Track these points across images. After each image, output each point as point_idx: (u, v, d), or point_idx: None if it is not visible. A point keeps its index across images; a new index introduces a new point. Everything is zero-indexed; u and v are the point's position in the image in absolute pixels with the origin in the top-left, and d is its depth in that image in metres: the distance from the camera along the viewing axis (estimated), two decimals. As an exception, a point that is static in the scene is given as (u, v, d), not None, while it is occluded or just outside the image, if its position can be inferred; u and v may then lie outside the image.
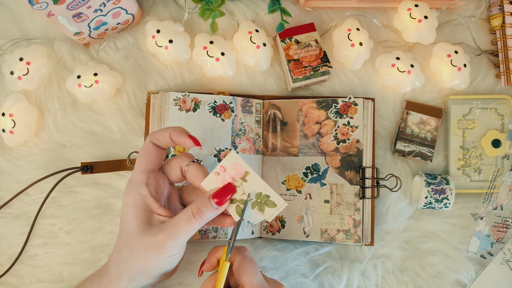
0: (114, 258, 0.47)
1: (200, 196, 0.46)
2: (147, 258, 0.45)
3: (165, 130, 0.47)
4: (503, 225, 0.61)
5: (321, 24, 0.64)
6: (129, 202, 0.46)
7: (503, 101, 0.62)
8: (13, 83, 0.59)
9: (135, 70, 0.62)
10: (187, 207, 0.45)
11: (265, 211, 0.46)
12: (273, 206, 0.46)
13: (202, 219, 0.45)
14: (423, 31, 0.61)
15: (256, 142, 0.60)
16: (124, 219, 0.47)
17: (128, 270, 0.45)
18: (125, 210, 0.46)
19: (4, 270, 0.58)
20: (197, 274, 0.56)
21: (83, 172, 0.59)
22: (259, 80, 0.63)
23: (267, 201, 0.46)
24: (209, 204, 0.45)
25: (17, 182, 0.59)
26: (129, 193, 0.46)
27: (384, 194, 0.61)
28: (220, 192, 0.45)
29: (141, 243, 0.45)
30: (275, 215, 0.46)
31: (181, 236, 0.44)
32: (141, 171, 0.46)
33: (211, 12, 0.50)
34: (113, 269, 0.46)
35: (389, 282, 0.60)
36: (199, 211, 0.44)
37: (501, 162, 0.61)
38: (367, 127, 0.59)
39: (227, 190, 0.45)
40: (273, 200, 0.45)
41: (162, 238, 0.44)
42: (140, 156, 0.47)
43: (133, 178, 0.47)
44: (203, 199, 0.45)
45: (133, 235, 0.45)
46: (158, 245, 0.44)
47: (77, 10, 0.52)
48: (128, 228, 0.46)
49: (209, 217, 0.45)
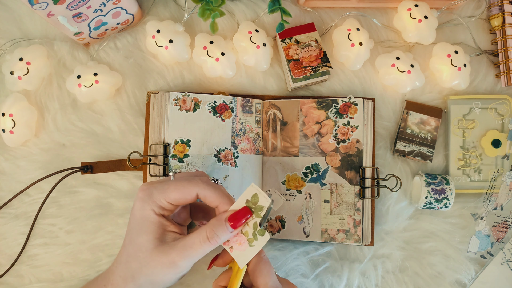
0: (121, 268, 0.46)
1: (215, 218, 0.45)
2: (157, 274, 0.44)
3: (216, 196, 0.45)
4: (503, 225, 0.61)
5: (321, 24, 0.64)
6: (143, 217, 0.45)
7: (503, 101, 0.62)
8: (13, 83, 0.59)
9: (135, 70, 0.62)
10: (201, 228, 0.45)
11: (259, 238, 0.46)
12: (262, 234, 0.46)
13: (217, 242, 0.45)
14: (423, 31, 0.61)
15: (256, 142, 0.60)
16: (134, 232, 0.46)
17: (136, 282, 0.45)
18: (137, 223, 0.46)
19: (4, 270, 0.58)
20: (205, 268, 0.57)
21: (83, 172, 0.59)
22: (259, 80, 0.63)
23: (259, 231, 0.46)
24: (225, 227, 0.44)
25: (17, 182, 0.59)
26: (144, 208, 0.45)
27: (384, 194, 0.61)
28: (236, 215, 0.45)
29: (151, 259, 0.44)
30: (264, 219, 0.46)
31: (194, 257, 0.45)
32: (166, 200, 0.45)
33: (211, 12, 0.50)
34: (119, 279, 0.46)
35: (389, 282, 0.60)
36: (215, 234, 0.44)
37: (501, 162, 0.61)
38: (367, 127, 0.59)
39: (243, 213, 0.45)
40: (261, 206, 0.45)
41: (174, 258, 0.44)
42: (177, 191, 0.45)
43: (154, 196, 0.46)
44: (219, 222, 0.45)
45: (143, 250, 0.45)
46: (169, 264, 0.44)
47: (77, 10, 0.52)
48: (139, 241, 0.45)
49: (223, 239, 0.45)
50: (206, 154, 0.57)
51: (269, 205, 0.45)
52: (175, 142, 0.57)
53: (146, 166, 0.57)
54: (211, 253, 0.47)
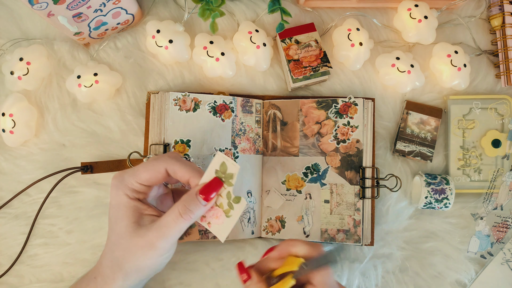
0: (107, 258, 0.47)
1: (186, 194, 0.45)
2: (139, 259, 0.44)
3: (186, 169, 0.45)
4: (503, 225, 0.61)
5: (321, 24, 0.64)
6: (117, 203, 0.46)
7: (503, 101, 0.62)
8: (13, 83, 0.59)
9: (135, 70, 0.62)
10: (174, 205, 0.45)
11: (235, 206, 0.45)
12: (237, 201, 0.44)
13: (191, 218, 0.44)
14: (423, 31, 0.61)
15: (256, 142, 0.60)
16: (113, 220, 0.46)
17: (122, 270, 0.45)
18: (113, 211, 0.46)
19: (4, 270, 0.58)
20: (205, 268, 0.57)
21: (83, 172, 0.59)
22: (259, 80, 0.63)
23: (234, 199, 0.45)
24: (197, 201, 0.44)
25: (17, 182, 0.59)
26: (118, 194, 0.46)
27: (384, 194, 0.61)
28: (207, 188, 0.44)
29: (132, 244, 0.44)
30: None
31: (170, 236, 0.44)
32: (137, 181, 0.46)
33: (211, 12, 0.50)
34: (107, 269, 0.46)
35: (389, 282, 0.60)
36: (187, 209, 0.44)
37: (501, 162, 0.61)
38: (367, 127, 0.59)
39: (214, 185, 0.44)
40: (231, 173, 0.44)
41: (151, 239, 0.44)
42: (146, 170, 0.45)
43: (126, 180, 0.46)
44: (190, 197, 0.44)
45: (122, 236, 0.45)
46: (148, 246, 0.44)
47: (77, 10, 0.52)
48: (117, 229, 0.45)
49: (198, 214, 0.44)
50: (206, 154, 0.57)
51: (238, 171, 0.44)
52: (175, 142, 0.57)
53: (146, 166, 0.57)
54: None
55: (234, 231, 0.57)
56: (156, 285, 0.58)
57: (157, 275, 0.58)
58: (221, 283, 0.59)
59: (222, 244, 0.60)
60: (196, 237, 0.56)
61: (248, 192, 0.58)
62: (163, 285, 0.58)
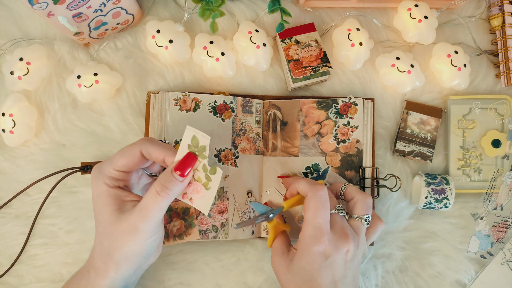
0: (97, 250, 0.47)
1: (162, 172, 0.45)
2: (125, 244, 0.44)
3: (159, 149, 0.45)
4: (503, 225, 0.61)
5: (321, 24, 0.64)
6: (98, 193, 0.46)
7: (503, 101, 0.62)
8: (13, 83, 0.59)
9: (135, 70, 0.62)
10: (151, 186, 0.45)
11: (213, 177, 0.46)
12: (212, 173, 0.45)
13: (169, 195, 0.44)
14: (423, 31, 0.61)
15: (256, 142, 0.60)
16: (97, 211, 0.46)
17: (112, 259, 0.45)
18: (96, 201, 0.46)
19: (4, 270, 0.58)
20: (205, 268, 0.59)
21: (83, 172, 0.59)
22: (259, 80, 0.63)
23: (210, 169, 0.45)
24: (173, 178, 0.44)
25: (17, 182, 0.59)
26: (98, 184, 0.46)
27: (384, 194, 0.61)
28: (181, 163, 0.45)
29: (116, 231, 0.44)
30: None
31: (151, 217, 0.44)
32: (115, 168, 0.46)
33: (211, 12, 0.50)
34: (98, 262, 0.46)
35: (389, 282, 0.60)
36: (164, 187, 0.44)
37: (501, 162, 0.61)
38: (367, 127, 0.59)
39: (188, 160, 0.45)
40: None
41: (134, 222, 0.44)
42: (122, 155, 0.46)
43: (104, 169, 0.46)
44: (166, 174, 0.44)
45: (107, 224, 0.45)
46: (132, 229, 0.44)
47: (77, 10, 0.52)
48: (102, 218, 0.46)
49: (176, 191, 0.45)
50: (206, 154, 0.57)
51: (209, 142, 0.44)
52: (175, 142, 0.57)
53: (146, 166, 0.57)
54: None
55: (234, 231, 0.57)
56: (156, 285, 0.58)
57: (157, 275, 0.58)
58: (221, 283, 0.59)
59: (222, 244, 0.60)
60: (196, 237, 0.56)
61: (248, 192, 0.58)
62: (163, 285, 0.58)
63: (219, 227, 0.57)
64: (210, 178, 0.45)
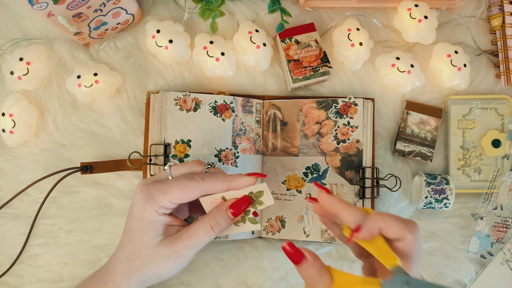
0: (122, 266, 0.46)
1: (216, 207, 0.46)
2: (162, 266, 0.45)
3: (222, 182, 0.45)
4: (503, 225, 0.61)
5: (321, 24, 0.64)
6: (143, 216, 0.45)
7: (503, 101, 0.62)
8: (13, 83, 0.59)
9: (135, 70, 0.62)
10: (204, 218, 0.46)
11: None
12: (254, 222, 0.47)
13: (220, 231, 0.46)
14: (423, 31, 0.61)
15: (256, 142, 0.60)
16: (136, 230, 0.46)
17: (140, 278, 0.46)
18: (137, 223, 0.46)
19: (4, 270, 0.58)
20: (205, 268, 0.56)
21: (83, 172, 0.59)
22: (259, 80, 0.63)
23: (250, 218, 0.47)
24: (226, 216, 0.46)
25: (17, 182, 0.59)
26: (146, 209, 0.45)
27: (384, 194, 0.61)
28: (237, 203, 0.46)
29: (157, 254, 0.45)
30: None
31: (198, 246, 0.46)
32: (169, 200, 0.45)
33: (211, 12, 0.50)
34: (120, 276, 0.46)
35: (389, 282, 0.60)
36: (217, 223, 0.45)
37: (501, 162, 0.61)
38: (367, 127, 0.59)
39: (244, 202, 0.46)
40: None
41: (180, 249, 0.45)
42: (179, 190, 0.45)
43: (155, 196, 0.45)
44: (221, 212, 0.46)
45: (147, 247, 0.45)
46: (175, 255, 0.45)
47: (77, 10, 0.52)
48: (141, 241, 0.46)
49: (226, 227, 0.46)
50: (207, 154, 0.57)
51: (269, 205, 0.46)
52: (176, 142, 0.57)
53: (146, 166, 0.57)
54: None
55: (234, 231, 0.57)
56: (156, 285, 0.58)
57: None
58: (221, 283, 0.59)
59: (222, 244, 0.60)
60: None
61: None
62: (163, 285, 0.58)
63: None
64: (245, 221, 0.47)
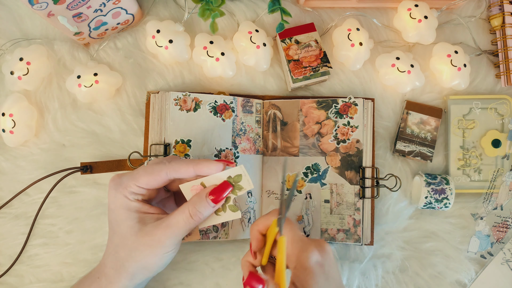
0: (110, 259, 0.47)
1: (196, 195, 0.46)
2: (146, 256, 0.45)
3: (187, 164, 0.45)
4: (503, 225, 0.61)
5: (321, 24, 0.64)
6: (118, 205, 0.46)
7: (503, 101, 0.62)
8: (13, 83, 0.59)
9: (135, 70, 0.62)
10: (184, 206, 0.45)
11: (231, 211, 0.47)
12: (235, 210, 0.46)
13: (200, 219, 0.45)
14: (423, 31, 0.61)
15: (256, 142, 0.60)
16: (115, 221, 0.46)
17: (128, 270, 0.46)
18: (114, 213, 0.46)
19: (4, 270, 0.58)
20: (205, 268, 0.57)
21: (83, 172, 0.59)
22: (259, 80, 0.63)
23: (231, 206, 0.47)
24: (206, 203, 0.45)
25: (17, 182, 0.59)
26: (117, 197, 0.46)
27: (384, 194, 0.61)
28: (217, 190, 0.45)
29: (138, 243, 0.45)
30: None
31: (179, 235, 0.45)
32: (137, 184, 0.46)
33: (211, 12, 0.50)
34: (111, 270, 0.47)
35: (389, 282, 0.60)
36: (197, 211, 0.45)
37: (501, 162, 0.61)
38: (367, 127, 0.59)
39: (224, 187, 0.45)
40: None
41: (160, 237, 0.44)
42: (146, 173, 0.45)
43: (124, 183, 0.46)
44: (200, 198, 0.45)
45: (127, 236, 0.45)
46: (156, 244, 0.45)
47: (77, 10, 0.52)
48: (120, 230, 0.46)
49: (206, 215, 0.45)
50: (207, 154, 0.57)
51: (249, 189, 0.45)
52: (176, 142, 0.57)
53: (146, 166, 0.57)
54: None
55: (234, 231, 0.57)
56: (156, 285, 0.58)
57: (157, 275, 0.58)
58: (221, 283, 0.59)
59: (222, 244, 0.60)
60: (197, 238, 0.56)
61: (248, 192, 0.58)
62: (163, 285, 0.58)
63: (220, 227, 0.57)
64: (225, 209, 0.46)
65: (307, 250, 0.43)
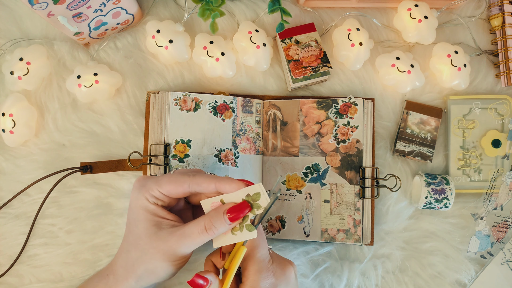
0: (122, 258, 0.47)
1: (214, 209, 0.46)
2: (156, 261, 0.45)
3: (209, 179, 0.46)
4: (503, 225, 0.61)
5: (321, 24, 0.64)
6: (138, 206, 0.46)
7: (503, 101, 0.62)
8: (13, 83, 0.59)
9: (135, 70, 0.62)
10: (200, 218, 0.45)
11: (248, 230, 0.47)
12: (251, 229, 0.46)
13: (214, 234, 0.45)
14: (423, 31, 0.61)
15: (256, 142, 0.60)
16: (132, 221, 0.47)
17: (136, 271, 0.46)
18: (133, 212, 0.47)
19: (4, 270, 0.58)
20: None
21: (83, 172, 0.59)
22: (259, 80, 0.63)
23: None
24: (223, 220, 0.45)
25: (17, 182, 0.59)
26: (139, 197, 0.46)
27: (384, 194, 0.61)
28: (235, 209, 0.45)
29: (150, 246, 0.45)
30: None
31: (191, 246, 0.45)
32: (159, 190, 0.46)
33: (211, 12, 0.50)
34: (120, 269, 0.47)
35: (389, 282, 0.60)
36: (213, 226, 0.45)
37: (501, 162, 0.61)
38: (367, 127, 0.59)
39: (243, 208, 0.45)
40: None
41: (172, 245, 0.45)
42: (170, 182, 0.46)
43: (148, 185, 0.46)
44: (218, 214, 0.45)
45: (142, 237, 0.45)
46: (168, 251, 0.45)
47: (77, 10, 0.52)
48: (137, 230, 0.46)
49: (220, 231, 0.45)
50: (207, 154, 0.57)
51: (267, 208, 0.45)
52: (176, 142, 0.57)
53: (146, 166, 0.57)
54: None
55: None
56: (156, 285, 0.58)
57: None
58: (221, 283, 0.59)
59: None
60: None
61: (248, 192, 0.58)
62: (163, 285, 0.58)
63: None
64: (242, 229, 0.46)
65: (260, 273, 0.45)
